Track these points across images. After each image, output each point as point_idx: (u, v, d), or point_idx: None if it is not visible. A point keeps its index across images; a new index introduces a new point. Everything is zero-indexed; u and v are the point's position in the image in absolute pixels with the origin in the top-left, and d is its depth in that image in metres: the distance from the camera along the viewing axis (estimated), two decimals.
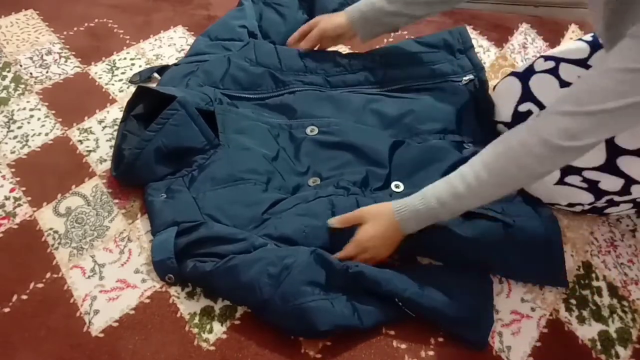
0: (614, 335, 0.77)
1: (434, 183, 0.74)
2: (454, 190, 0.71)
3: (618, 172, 0.78)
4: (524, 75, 0.91)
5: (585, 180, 0.80)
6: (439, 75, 1.04)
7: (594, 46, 0.89)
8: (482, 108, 0.97)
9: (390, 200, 0.77)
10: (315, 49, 1.06)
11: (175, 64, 1.11)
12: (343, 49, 1.21)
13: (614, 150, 0.78)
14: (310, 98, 1.00)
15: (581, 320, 0.78)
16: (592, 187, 0.81)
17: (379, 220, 0.76)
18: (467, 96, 1.00)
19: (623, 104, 0.60)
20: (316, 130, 0.94)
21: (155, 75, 1.12)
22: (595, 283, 0.83)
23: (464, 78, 1.03)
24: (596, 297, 0.81)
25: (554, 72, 0.88)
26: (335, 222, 0.78)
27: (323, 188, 0.86)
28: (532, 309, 0.79)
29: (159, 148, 0.87)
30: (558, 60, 0.89)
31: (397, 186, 0.86)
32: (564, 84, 0.87)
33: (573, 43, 0.93)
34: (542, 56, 0.93)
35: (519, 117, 0.89)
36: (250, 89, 1.02)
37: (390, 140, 0.92)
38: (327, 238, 0.79)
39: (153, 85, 1.07)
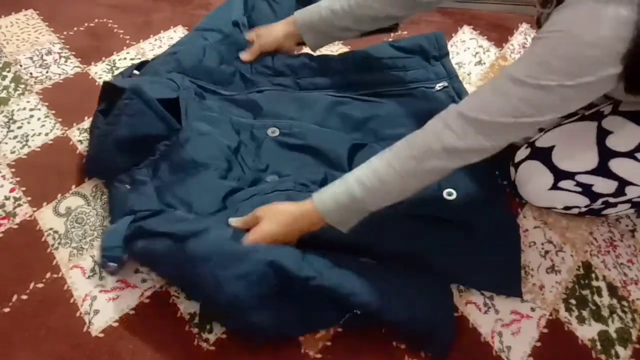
0: (614, 335, 0.77)
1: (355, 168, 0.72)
2: (373, 171, 0.70)
3: (611, 175, 0.78)
4: None
5: (578, 184, 0.80)
6: (411, 81, 1.04)
7: None
8: None
9: None
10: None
11: (153, 59, 1.08)
12: (343, 48, 1.21)
13: (606, 153, 0.78)
14: (277, 97, 1.00)
15: (581, 320, 0.79)
16: (586, 190, 0.81)
17: (277, 218, 0.73)
18: (440, 102, 0.99)
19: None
20: (277, 132, 0.93)
21: (136, 72, 1.09)
22: (595, 283, 0.83)
23: (437, 85, 1.03)
24: (596, 297, 0.81)
25: None
26: (234, 222, 0.76)
27: (282, 183, 0.85)
28: (532, 309, 0.79)
29: (118, 140, 0.86)
30: None
31: None
32: None
33: None
34: None
35: None
36: (220, 84, 1.01)
37: (350, 143, 0.91)
38: None
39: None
